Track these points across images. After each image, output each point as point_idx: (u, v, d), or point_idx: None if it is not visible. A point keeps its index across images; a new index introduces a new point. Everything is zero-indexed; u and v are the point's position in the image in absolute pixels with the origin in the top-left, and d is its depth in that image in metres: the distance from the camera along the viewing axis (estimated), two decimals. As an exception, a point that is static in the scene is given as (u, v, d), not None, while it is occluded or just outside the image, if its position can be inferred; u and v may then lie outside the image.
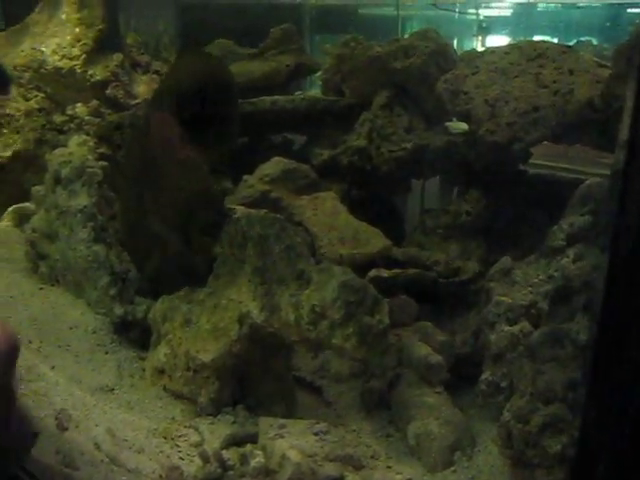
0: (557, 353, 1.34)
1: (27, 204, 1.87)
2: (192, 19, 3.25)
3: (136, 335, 1.54)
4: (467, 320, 1.78)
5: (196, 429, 1.35)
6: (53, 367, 1.54)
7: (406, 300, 1.78)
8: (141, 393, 1.45)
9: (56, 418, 1.47)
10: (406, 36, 4.47)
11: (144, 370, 1.49)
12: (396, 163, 2.11)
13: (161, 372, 1.43)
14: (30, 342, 1.60)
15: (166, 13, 3.10)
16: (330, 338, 1.33)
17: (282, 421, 1.33)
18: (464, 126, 2.12)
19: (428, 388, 1.49)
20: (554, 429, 1.21)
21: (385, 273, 1.85)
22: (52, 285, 1.72)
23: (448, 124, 2.25)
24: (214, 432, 1.34)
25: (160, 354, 1.43)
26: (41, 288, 1.70)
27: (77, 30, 1.70)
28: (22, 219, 1.85)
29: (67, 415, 1.47)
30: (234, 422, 1.37)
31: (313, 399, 1.56)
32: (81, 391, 1.48)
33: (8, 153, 1.93)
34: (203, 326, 1.40)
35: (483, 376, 1.51)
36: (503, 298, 1.56)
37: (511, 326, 1.52)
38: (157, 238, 1.54)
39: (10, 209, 1.91)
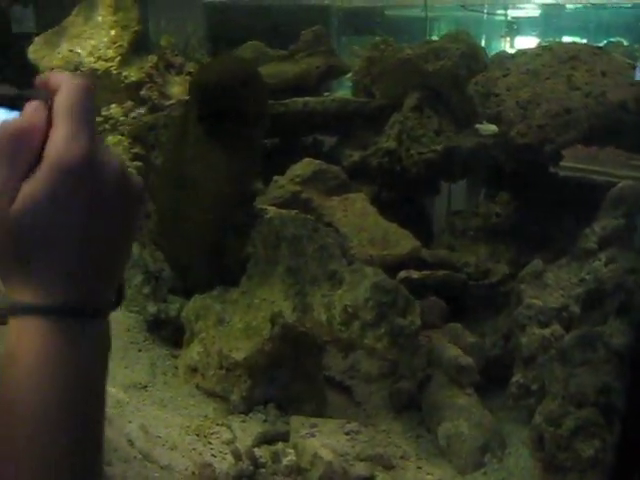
0: (589, 357, 1.33)
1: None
2: (220, 20, 3.27)
3: (169, 333, 1.56)
4: (497, 322, 1.78)
5: (228, 427, 1.36)
6: (87, 364, 1.57)
7: (436, 302, 1.78)
8: (174, 391, 1.47)
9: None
10: (434, 37, 4.47)
11: (177, 368, 1.51)
12: (426, 165, 2.11)
13: (194, 370, 1.45)
14: (64, 339, 1.62)
15: (194, 14, 3.13)
16: (362, 338, 1.34)
17: (313, 420, 1.34)
18: (494, 128, 2.12)
19: (458, 390, 1.50)
20: (586, 433, 1.21)
21: (415, 274, 1.85)
22: (86, 283, 1.74)
23: (478, 126, 2.25)
24: (246, 430, 1.36)
25: (193, 352, 1.45)
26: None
27: (112, 32, 1.73)
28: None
29: (100, 408, 1.50)
30: (265, 420, 1.39)
31: (343, 399, 1.57)
32: (115, 388, 1.51)
33: None
34: (236, 325, 1.41)
35: (514, 378, 1.51)
36: (534, 301, 1.56)
37: (542, 329, 1.51)
38: (190, 238, 1.56)
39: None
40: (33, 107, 0.61)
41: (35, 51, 1.78)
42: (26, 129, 0.60)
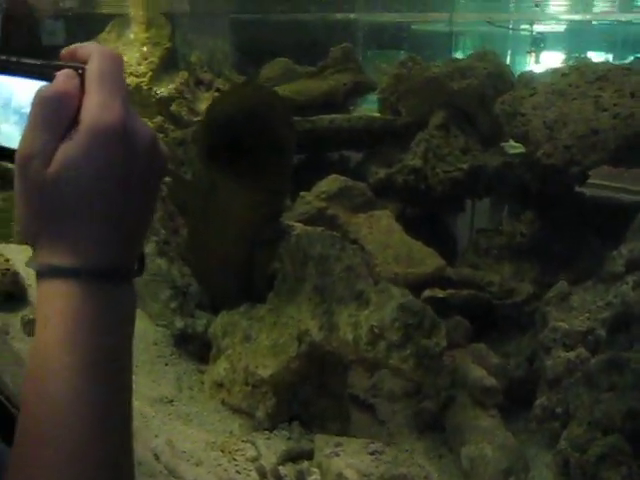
0: (616, 381, 1.33)
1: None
2: (247, 35, 3.31)
3: (196, 348, 1.58)
4: (521, 343, 1.78)
5: (253, 444, 1.37)
6: (114, 377, 1.59)
7: (460, 321, 1.78)
8: (200, 406, 1.48)
9: (116, 428, 1.51)
10: (458, 53, 4.47)
11: (203, 383, 1.53)
12: (451, 183, 2.12)
13: (220, 386, 1.47)
14: (93, 352, 1.65)
15: (221, 29, 3.17)
16: (387, 359, 1.34)
17: (338, 439, 1.34)
18: (520, 147, 2.12)
19: (482, 411, 1.50)
20: (613, 460, 1.20)
21: (440, 293, 1.86)
22: (116, 297, 1.76)
23: (505, 145, 2.26)
24: (270, 447, 1.37)
25: (219, 368, 1.46)
26: (105, 299, 1.75)
27: (144, 49, 1.76)
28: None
29: (128, 425, 1.51)
30: (290, 438, 1.40)
31: (366, 417, 1.58)
32: (141, 402, 1.52)
33: None
34: (262, 342, 1.42)
35: (538, 401, 1.50)
36: (560, 323, 1.56)
37: (568, 352, 1.51)
38: (219, 254, 1.58)
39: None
40: (65, 74, 0.64)
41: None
42: (62, 94, 0.62)
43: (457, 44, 4.50)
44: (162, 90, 1.71)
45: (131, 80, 1.75)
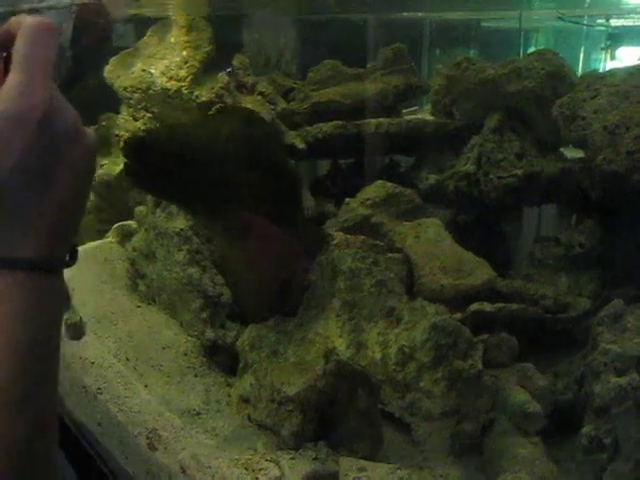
0: (669, 415, 1.22)
1: (130, 222, 1.94)
2: (312, 35, 3.27)
3: (225, 359, 1.54)
4: (572, 363, 1.67)
5: (277, 463, 1.33)
6: (146, 386, 1.58)
7: (506, 338, 1.69)
8: (226, 420, 1.44)
9: (147, 437, 1.50)
10: (531, 50, 4.32)
11: (230, 397, 1.49)
12: (505, 190, 2.02)
13: (246, 401, 1.43)
14: (128, 359, 1.64)
15: (287, 29, 3.13)
16: (418, 381, 1.28)
17: (363, 463, 1.28)
18: (580, 153, 2.00)
19: (523, 437, 1.41)
20: (658, 503, 1.10)
21: (487, 307, 1.77)
22: (149, 304, 1.76)
23: (564, 150, 2.13)
24: (294, 468, 1.32)
25: (246, 383, 1.43)
26: (139, 306, 1.75)
27: (185, 52, 1.74)
28: (125, 236, 1.91)
29: (157, 436, 1.50)
30: (315, 458, 1.34)
31: (400, 437, 1.51)
32: (170, 412, 1.50)
33: (116, 171, 2.03)
34: (289, 358, 1.38)
35: (584, 430, 1.40)
36: (611, 346, 1.45)
37: (619, 377, 1.40)
38: (253, 262, 1.54)
39: (115, 226, 1.98)
40: None
41: (110, 71, 1.82)
42: None
43: (529, 41, 4.34)
44: (203, 94, 1.68)
45: (172, 84, 1.73)
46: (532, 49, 4.22)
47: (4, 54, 0.62)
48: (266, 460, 1.35)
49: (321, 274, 1.42)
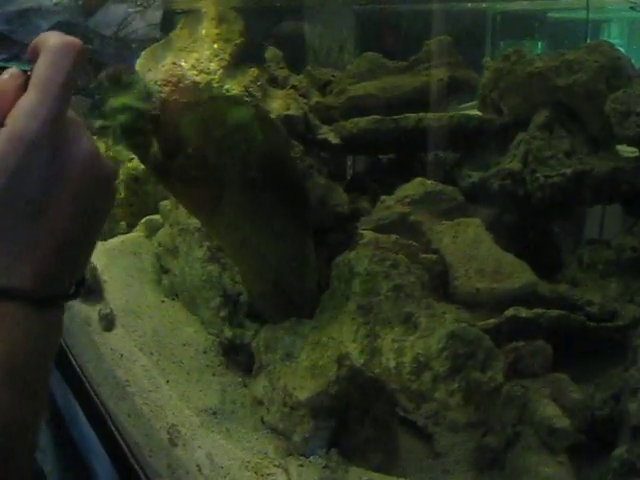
0: None
1: (157, 216, 1.94)
2: (371, 25, 3.21)
3: (243, 359, 1.52)
4: (612, 376, 1.57)
5: (285, 470, 1.29)
6: (168, 381, 1.57)
7: (540, 346, 1.59)
8: (240, 422, 1.42)
9: (168, 433, 1.50)
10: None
11: (246, 397, 1.47)
12: (552, 190, 1.91)
13: (260, 403, 1.40)
14: (152, 354, 1.64)
15: (347, 19, 3.09)
16: (433, 391, 1.22)
17: (372, 474, 1.24)
18: (635, 151, 1.88)
19: (549, 455, 1.32)
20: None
21: (524, 313, 1.68)
22: (172, 299, 1.76)
23: (620, 148, 2.01)
24: (302, 475, 1.28)
25: (260, 385, 1.40)
26: (163, 301, 1.75)
27: (215, 45, 1.71)
28: (153, 231, 1.91)
29: (177, 432, 1.50)
30: (325, 467, 1.30)
31: (421, 447, 1.45)
32: (189, 410, 1.50)
33: (144, 166, 2.03)
34: (303, 362, 1.34)
35: (617, 451, 1.30)
36: (651, 361, 1.35)
37: (656, 396, 1.31)
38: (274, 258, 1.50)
39: (143, 220, 1.99)
40: (9, 73, 0.60)
41: (142, 64, 1.81)
42: None
43: (600, 32, 4.16)
44: (233, 88, 1.65)
45: (202, 77, 1.71)
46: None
47: (28, 72, 0.61)
48: (275, 465, 1.32)
49: (338, 276, 1.38)
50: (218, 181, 1.31)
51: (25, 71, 0.60)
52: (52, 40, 0.60)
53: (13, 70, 0.60)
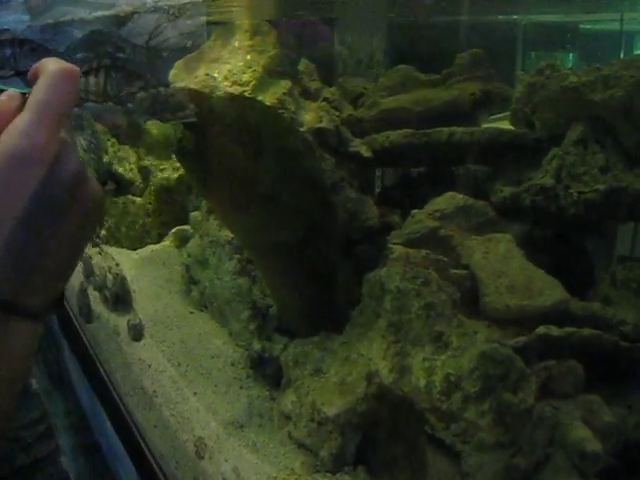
0: None
1: (187, 227, 1.94)
2: (403, 37, 3.20)
3: (271, 372, 1.52)
4: (647, 398, 1.54)
5: (312, 486, 1.29)
6: (195, 393, 1.57)
7: (572, 366, 1.57)
8: (267, 436, 1.42)
9: (195, 445, 1.50)
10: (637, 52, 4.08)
11: (273, 411, 1.46)
12: (585, 206, 1.89)
13: (287, 418, 1.39)
14: (179, 365, 1.65)
15: (378, 30, 3.09)
16: (463, 412, 1.20)
17: (400, 494, 1.22)
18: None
19: (579, 478, 1.30)
20: None
21: (555, 331, 1.65)
22: (201, 310, 1.77)
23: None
24: (328, 492, 1.28)
25: (288, 399, 1.39)
26: (192, 312, 1.75)
27: (248, 57, 1.72)
28: (182, 241, 1.92)
29: (203, 444, 1.50)
30: (353, 484, 1.30)
31: (448, 467, 1.43)
32: (216, 422, 1.50)
33: (175, 176, 2.04)
34: (331, 378, 1.33)
35: (649, 477, 1.29)
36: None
37: (691, 421, 1.28)
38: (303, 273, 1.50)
39: (173, 230, 2.00)
40: (7, 95, 0.63)
41: (175, 75, 1.82)
42: None
43: (633, 43, 4.11)
44: (266, 99, 1.66)
45: (235, 89, 1.72)
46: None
47: (27, 95, 0.65)
48: (302, 482, 1.31)
49: (369, 292, 1.37)
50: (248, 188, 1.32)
51: (24, 94, 0.64)
52: (51, 66, 0.64)
53: (11, 92, 0.64)
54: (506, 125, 2.18)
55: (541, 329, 1.65)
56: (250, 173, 1.24)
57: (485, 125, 2.24)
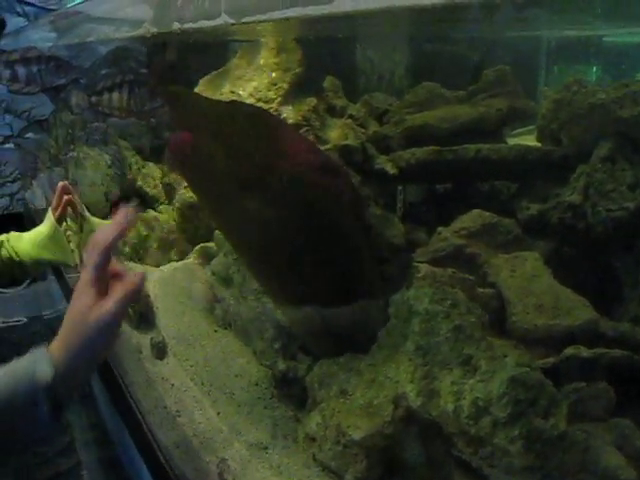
0: None
1: (212, 244, 1.94)
2: (426, 53, 3.19)
3: (296, 392, 1.50)
4: (681, 423, 1.50)
5: (339, 511, 1.27)
6: (219, 413, 1.56)
7: (603, 389, 1.54)
8: (291, 458, 1.40)
9: (218, 467, 1.48)
10: (666, 68, 4.02)
11: (297, 433, 1.45)
12: (614, 224, 1.86)
13: (312, 440, 1.37)
14: (203, 384, 1.63)
15: (401, 46, 3.07)
16: (492, 437, 1.18)
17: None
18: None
19: (611, 507, 1.27)
20: None
21: (584, 352, 1.62)
22: (225, 328, 1.75)
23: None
24: (355, 517, 1.25)
25: (313, 421, 1.37)
26: (215, 330, 1.74)
27: (274, 74, 1.72)
28: (206, 259, 1.91)
29: (226, 466, 1.48)
30: (378, 509, 1.27)
31: (476, 491, 1.40)
32: (239, 443, 1.48)
33: None
34: (357, 400, 1.31)
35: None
36: None
37: None
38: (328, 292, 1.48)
39: (197, 247, 1.99)
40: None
41: (200, 92, 1.82)
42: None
43: (662, 58, 4.05)
44: (290, 117, 1.65)
45: (260, 105, 1.72)
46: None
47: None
48: (327, 506, 1.30)
49: (396, 313, 1.35)
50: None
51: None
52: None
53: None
54: (528, 140, 2.16)
55: (570, 350, 1.62)
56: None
57: (508, 140, 2.23)
